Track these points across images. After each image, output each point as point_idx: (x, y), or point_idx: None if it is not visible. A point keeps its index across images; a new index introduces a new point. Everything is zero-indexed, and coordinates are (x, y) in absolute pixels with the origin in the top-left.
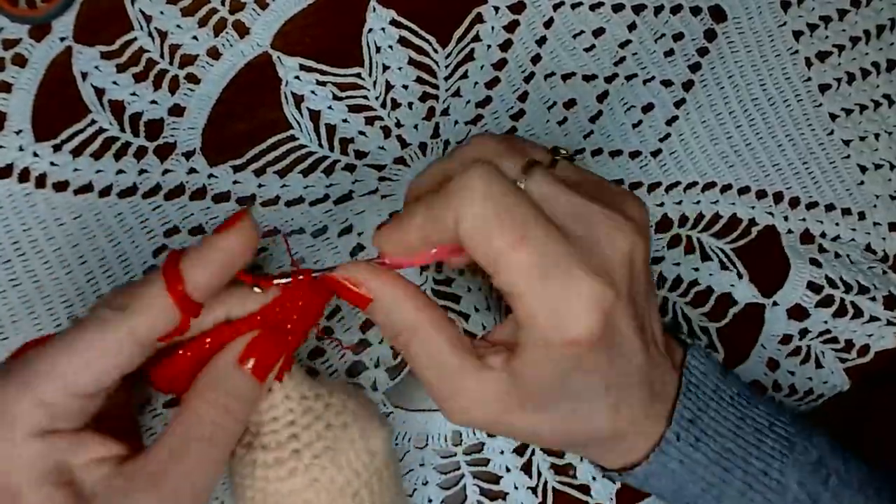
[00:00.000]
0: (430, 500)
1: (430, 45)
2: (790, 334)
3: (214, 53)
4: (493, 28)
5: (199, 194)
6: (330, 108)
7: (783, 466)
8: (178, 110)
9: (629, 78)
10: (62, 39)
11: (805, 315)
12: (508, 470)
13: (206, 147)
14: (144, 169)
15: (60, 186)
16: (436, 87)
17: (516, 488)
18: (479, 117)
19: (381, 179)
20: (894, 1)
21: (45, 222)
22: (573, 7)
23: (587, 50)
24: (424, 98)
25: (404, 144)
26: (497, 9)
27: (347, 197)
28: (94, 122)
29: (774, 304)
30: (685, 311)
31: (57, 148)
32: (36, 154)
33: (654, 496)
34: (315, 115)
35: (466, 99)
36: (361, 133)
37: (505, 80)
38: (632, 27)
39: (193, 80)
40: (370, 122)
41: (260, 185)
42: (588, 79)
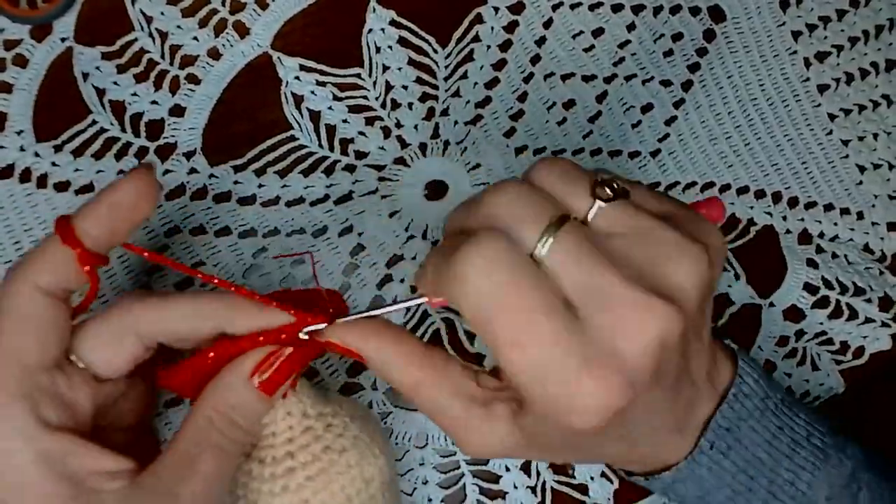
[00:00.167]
0: (429, 500)
1: (430, 45)
2: (786, 336)
3: (215, 54)
4: (492, 28)
5: (200, 194)
6: (330, 108)
7: (812, 479)
8: (178, 111)
9: (628, 78)
10: (63, 40)
11: (801, 316)
12: (508, 469)
13: (206, 147)
14: None
15: (62, 187)
16: (435, 88)
17: (516, 487)
18: (479, 117)
19: (381, 180)
20: (893, 1)
21: (47, 223)
22: (572, 7)
23: (586, 50)
24: (424, 98)
25: (404, 145)
26: (496, 9)
27: (347, 197)
28: (94, 122)
29: (771, 305)
30: None
31: (58, 148)
32: (37, 154)
33: (668, 500)
34: (315, 116)
35: (466, 99)
36: (361, 133)
37: (504, 80)
38: (631, 27)
39: (194, 80)
40: (370, 122)
41: (260, 186)
42: (587, 79)
